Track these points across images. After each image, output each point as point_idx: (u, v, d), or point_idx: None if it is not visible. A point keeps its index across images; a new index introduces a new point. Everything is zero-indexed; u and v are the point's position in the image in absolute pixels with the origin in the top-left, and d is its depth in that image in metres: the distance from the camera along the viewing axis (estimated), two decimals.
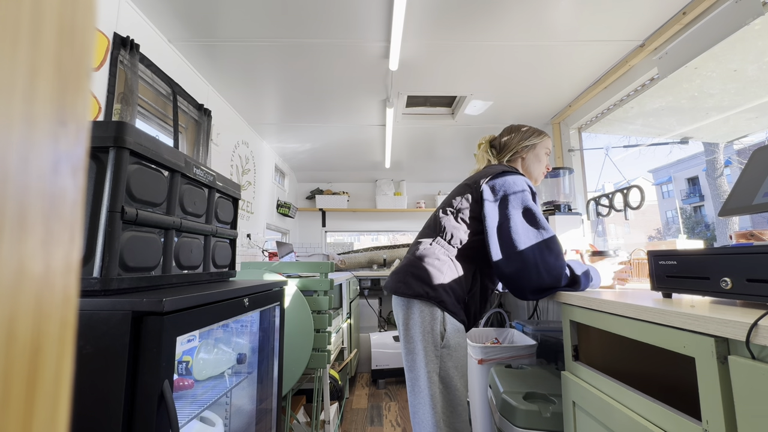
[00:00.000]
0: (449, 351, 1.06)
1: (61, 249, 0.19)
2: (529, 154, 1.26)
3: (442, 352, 1.06)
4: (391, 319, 3.76)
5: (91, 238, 0.69)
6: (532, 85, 2.25)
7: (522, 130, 1.28)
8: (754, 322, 0.55)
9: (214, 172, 1.09)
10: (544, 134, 1.28)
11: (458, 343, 1.08)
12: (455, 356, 1.07)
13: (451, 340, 1.07)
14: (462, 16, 1.60)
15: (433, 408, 1.03)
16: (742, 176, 0.86)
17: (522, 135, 1.26)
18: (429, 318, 1.07)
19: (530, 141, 1.25)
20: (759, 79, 1.51)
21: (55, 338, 0.18)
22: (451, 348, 1.07)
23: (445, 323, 1.07)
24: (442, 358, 1.06)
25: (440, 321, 1.07)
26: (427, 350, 1.06)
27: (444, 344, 1.06)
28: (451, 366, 1.06)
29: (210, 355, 1.12)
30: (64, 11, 0.19)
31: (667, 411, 0.73)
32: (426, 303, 1.08)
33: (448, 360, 1.06)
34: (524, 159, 1.27)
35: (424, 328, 1.07)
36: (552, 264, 1.04)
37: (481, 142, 1.35)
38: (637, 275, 1.48)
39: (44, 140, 0.18)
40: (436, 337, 1.06)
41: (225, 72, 2.06)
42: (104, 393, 0.59)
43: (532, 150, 1.26)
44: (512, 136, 1.28)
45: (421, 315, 1.08)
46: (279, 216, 3.67)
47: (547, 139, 1.29)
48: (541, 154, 1.27)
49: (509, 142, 1.27)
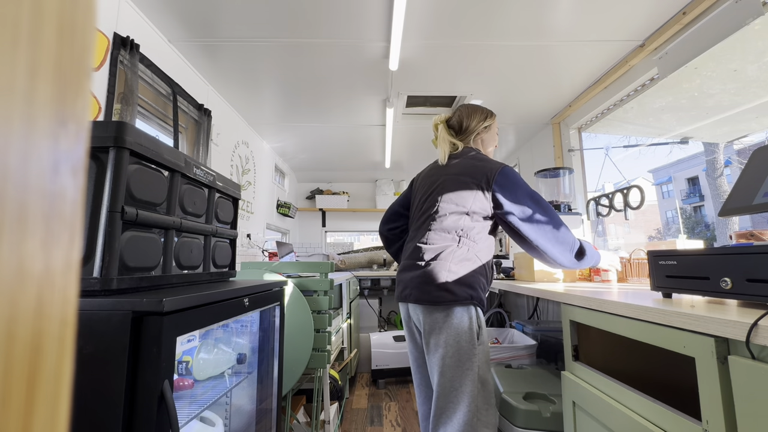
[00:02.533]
0: (483, 346, 1.10)
1: (61, 249, 0.19)
2: (486, 133, 1.35)
3: (478, 350, 1.09)
4: (391, 319, 3.76)
5: (91, 238, 0.69)
6: (532, 85, 2.25)
7: (480, 113, 1.35)
8: (754, 322, 0.55)
9: (214, 172, 1.09)
10: (494, 115, 1.39)
11: (486, 336, 1.14)
12: (485, 350, 1.11)
13: (483, 335, 1.12)
14: (462, 16, 1.60)
15: (469, 409, 1.04)
16: (742, 176, 0.86)
17: (480, 117, 1.34)
18: (467, 319, 1.10)
19: (487, 122, 1.34)
20: (759, 79, 1.51)
21: (55, 338, 0.18)
22: (484, 343, 1.11)
23: (479, 320, 1.12)
24: (478, 356, 1.09)
25: (475, 319, 1.11)
26: (467, 352, 1.08)
27: (480, 341, 1.10)
28: (484, 360, 1.10)
29: (210, 355, 1.12)
30: (64, 11, 0.19)
31: (667, 411, 0.73)
32: (464, 305, 1.11)
33: (482, 355, 1.09)
34: (483, 140, 1.35)
35: (462, 329, 1.09)
36: (566, 237, 1.16)
37: (437, 123, 1.38)
38: (637, 275, 1.48)
39: (44, 140, 0.18)
40: (473, 336, 1.09)
41: (225, 72, 2.06)
42: (104, 393, 0.59)
43: (488, 131, 1.35)
44: (472, 118, 1.35)
45: (460, 319, 1.10)
46: (279, 216, 3.67)
47: (496, 118, 1.40)
48: (494, 134, 1.37)
49: (470, 124, 1.34)
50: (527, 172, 3.28)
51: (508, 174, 1.19)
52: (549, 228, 1.16)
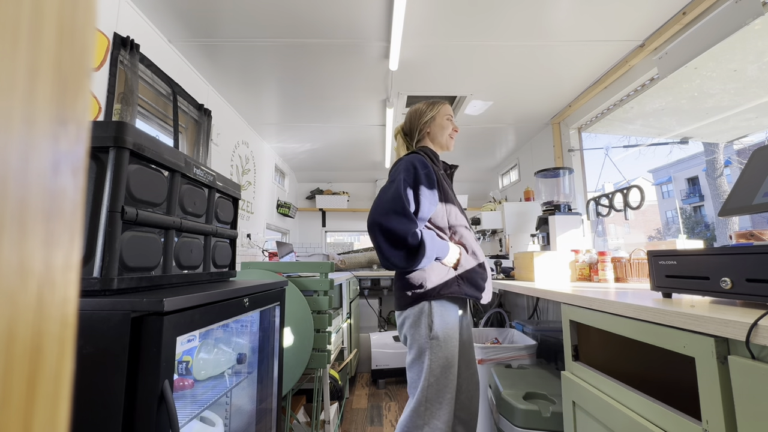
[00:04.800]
0: (438, 342, 1.14)
1: (61, 249, 0.19)
2: (431, 126, 1.36)
3: (431, 344, 1.14)
4: (391, 319, 3.76)
5: (91, 238, 0.69)
6: (532, 85, 2.25)
7: (417, 110, 1.37)
8: (754, 322, 0.55)
9: (214, 172, 1.09)
10: (438, 103, 1.37)
11: (447, 335, 1.15)
12: (444, 347, 1.14)
13: (439, 331, 1.15)
14: (462, 16, 1.60)
15: (419, 400, 1.13)
16: (742, 176, 0.86)
17: (419, 114, 1.36)
18: (416, 316, 1.18)
19: (428, 115, 1.35)
20: (759, 79, 1.51)
21: (55, 338, 0.18)
22: (440, 339, 1.14)
23: (432, 315, 1.16)
24: (431, 348, 1.13)
25: (427, 314, 1.16)
26: (419, 346, 1.17)
27: (432, 335, 1.14)
28: (441, 356, 1.13)
29: (210, 355, 1.12)
30: (64, 11, 0.19)
31: (667, 411, 0.73)
32: (414, 304, 1.18)
33: (438, 351, 1.13)
34: (430, 133, 1.36)
35: (415, 324, 1.18)
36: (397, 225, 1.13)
37: (396, 133, 1.44)
38: (637, 275, 1.48)
39: (44, 140, 0.18)
40: (422, 330, 1.16)
41: (225, 72, 2.06)
42: (104, 393, 0.59)
43: (432, 122, 1.36)
44: (412, 119, 1.38)
45: (412, 315, 1.18)
46: (279, 216, 3.67)
47: (444, 106, 1.37)
48: (443, 121, 1.36)
49: (412, 125, 1.37)
50: (527, 172, 3.28)
51: (397, 162, 1.25)
52: (377, 204, 1.16)
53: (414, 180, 1.18)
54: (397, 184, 1.16)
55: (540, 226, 2.02)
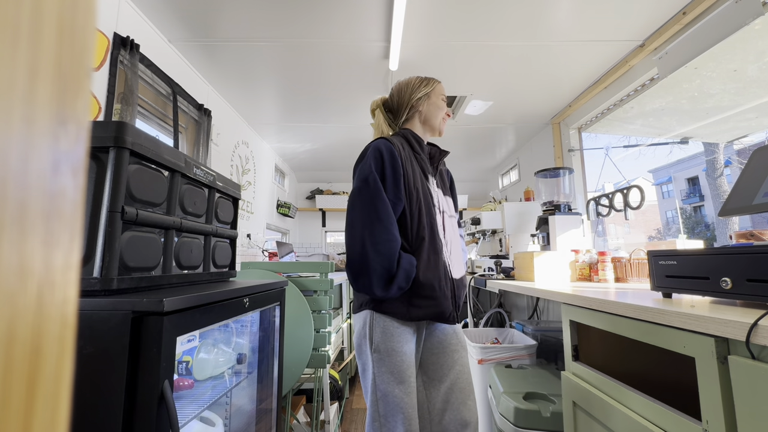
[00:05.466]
0: (380, 356, 1.01)
1: (61, 249, 0.19)
2: (425, 105, 1.18)
3: (373, 357, 1.01)
4: None
5: (91, 238, 0.69)
6: (532, 85, 2.25)
7: (410, 84, 1.20)
8: (754, 322, 0.55)
9: (214, 172, 1.09)
10: (434, 81, 1.21)
11: (391, 348, 1.01)
12: (389, 361, 1.00)
13: (380, 344, 1.01)
14: (462, 16, 1.60)
15: (372, 416, 1.01)
16: (742, 176, 0.86)
17: (412, 88, 1.19)
18: (360, 325, 1.05)
19: (422, 91, 1.18)
20: (759, 79, 1.51)
21: (55, 338, 0.18)
22: (382, 353, 1.01)
23: (373, 326, 1.02)
24: (375, 362, 1.01)
25: (368, 324, 1.03)
26: (361, 359, 1.06)
27: (375, 348, 1.01)
28: (383, 370, 1.00)
29: (210, 355, 1.12)
30: (64, 11, 0.19)
31: (667, 411, 0.73)
32: (358, 311, 1.07)
33: (382, 365, 1.00)
34: (421, 112, 1.19)
35: (357, 336, 1.06)
36: (380, 239, 0.97)
37: (374, 107, 1.24)
38: (637, 275, 1.48)
39: (44, 140, 0.18)
40: (365, 342, 1.03)
41: (225, 72, 2.06)
42: (104, 393, 0.59)
43: (427, 100, 1.18)
44: (401, 93, 1.20)
45: (357, 326, 1.07)
46: (279, 216, 3.67)
47: (439, 85, 1.21)
48: (438, 101, 1.19)
49: (401, 99, 1.19)
50: (527, 172, 3.28)
51: (362, 152, 1.09)
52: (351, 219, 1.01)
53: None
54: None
55: (540, 226, 2.02)
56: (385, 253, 0.96)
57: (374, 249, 0.96)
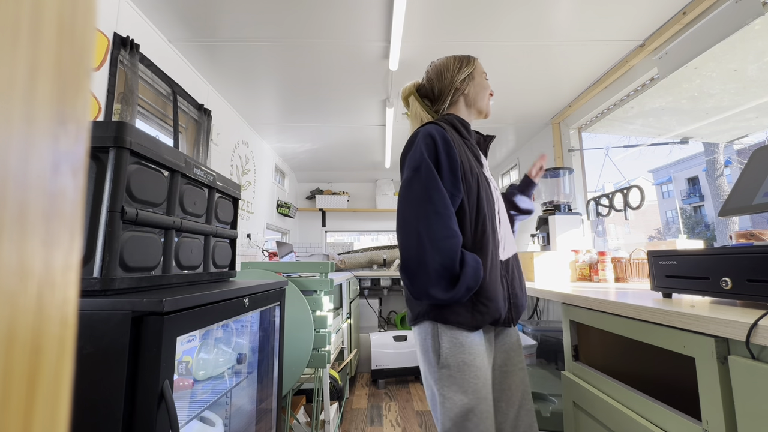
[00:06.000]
0: (450, 372, 0.86)
1: (61, 249, 0.19)
2: (470, 86, 1.07)
3: (441, 374, 0.87)
4: (391, 319, 3.76)
5: (91, 238, 0.69)
6: (532, 85, 2.25)
7: (451, 65, 1.08)
8: (754, 322, 0.55)
9: (214, 172, 1.09)
10: (473, 58, 1.10)
11: (462, 362, 0.86)
12: (461, 379, 0.85)
13: (450, 357, 0.87)
14: (462, 16, 1.60)
15: None
16: (742, 176, 0.86)
17: (453, 69, 1.07)
18: (423, 338, 0.92)
19: (465, 72, 1.07)
20: (759, 79, 1.51)
21: (55, 338, 0.18)
22: (452, 368, 0.86)
23: (438, 335, 0.89)
24: (441, 381, 0.87)
25: (432, 337, 0.90)
26: (427, 379, 0.91)
27: (443, 363, 0.87)
28: (455, 390, 0.85)
29: (210, 355, 1.12)
30: (64, 11, 0.19)
31: (667, 411, 0.73)
32: (418, 323, 0.94)
33: (451, 383, 0.86)
34: (467, 94, 1.07)
35: (422, 351, 0.92)
36: (439, 235, 0.84)
37: (407, 95, 1.13)
38: (637, 275, 1.48)
39: (44, 140, 0.18)
40: (431, 358, 0.90)
41: (225, 72, 2.06)
42: (104, 393, 0.59)
43: (471, 80, 1.07)
44: (442, 76, 1.08)
45: (419, 340, 0.94)
46: (279, 216, 3.67)
47: (478, 62, 1.11)
48: (481, 80, 1.09)
49: (443, 82, 1.07)
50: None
51: (410, 139, 0.97)
52: (402, 214, 0.89)
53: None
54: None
55: (540, 226, 2.02)
56: (446, 251, 0.83)
57: (433, 246, 0.83)
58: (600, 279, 1.54)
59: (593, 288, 1.28)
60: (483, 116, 1.11)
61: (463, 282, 0.83)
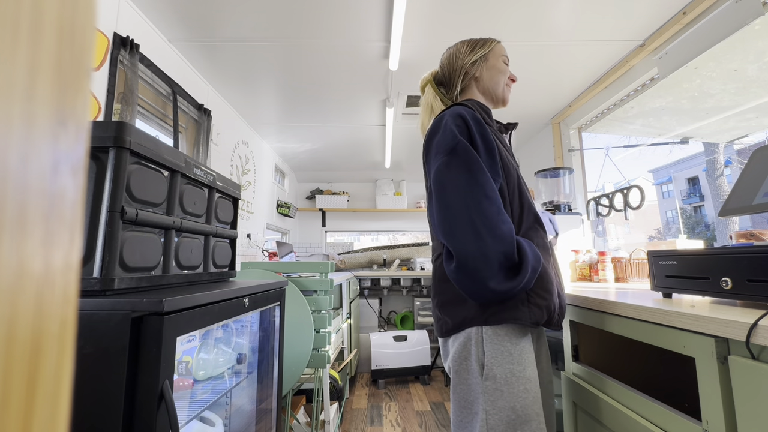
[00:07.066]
0: (497, 384, 0.74)
1: (61, 249, 0.19)
2: (482, 69, 0.98)
3: (485, 387, 0.75)
4: (391, 319, 3.76)
5: (91, 238, 0.69)
6: (531, 85, 2.25)
7: (464, 47, 0.99)
8: (754, 322, 0.55)
9: (214, 172, 1.09)
10: (491, 40, 1.00)
11: (510, 372, 0.75)
12: (509, 393, 0.74)
13: (496, 367, 0.75)
14: (462, 15, 1.60)
15: None
16: (742, 176, 0.86)
17: (465, 51, 0.98)
18: (462, 347, 0.80)
19: (477, 53, 0.98)
20: (759, 79, 1.51)
21: (55, 338, 0.18)
22: (499, 380, 0.74)
23: (482, 343, 0.77)
24: (487, 395, 0.74)
25: (476, 344, 0.78)
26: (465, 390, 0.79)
27: (487, 374, 0.75)
28: (504, 407, 0.73)
29: (210, 355, 1.12)
30: (64, 11, 0.19)
31: (667, 411, 0.73)
32: (459, 331, 0.81)
33: (498, 399, 0.74)
34: (479, 78, 0.98)
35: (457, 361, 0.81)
36: (495, 220, 0.74)
37: (425, 84, 1.04)
38: (637, 275, 1.48)
39: (44, 140, 0.18)
40: (469, 366, 0.78)
41: (225, 72, 2.06)
42: (104, 393, 0.59)
43: (484, 63, 0.98)
44: (452, 60, 1.00)
45: (456, 349, 0.82)
46: (279, 216, 3.67)
47: (499, 45, 1.00)
48: (498, 63, 0.99)
49: (453, 68, 0.99)
50: (527, 172, 3.27)
51: (434, 123, 0.88)
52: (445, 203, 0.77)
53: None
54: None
55: None
56: (506, 238, 0.73)
57: (492, 235, 0.72)
58: (600, 279, 1.54)
59: (593, 288, 1.28)
60: (500, 104, 1.03)
61: (527, 265, 0.73)
